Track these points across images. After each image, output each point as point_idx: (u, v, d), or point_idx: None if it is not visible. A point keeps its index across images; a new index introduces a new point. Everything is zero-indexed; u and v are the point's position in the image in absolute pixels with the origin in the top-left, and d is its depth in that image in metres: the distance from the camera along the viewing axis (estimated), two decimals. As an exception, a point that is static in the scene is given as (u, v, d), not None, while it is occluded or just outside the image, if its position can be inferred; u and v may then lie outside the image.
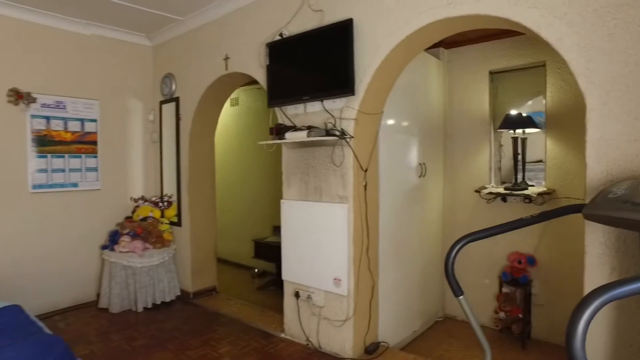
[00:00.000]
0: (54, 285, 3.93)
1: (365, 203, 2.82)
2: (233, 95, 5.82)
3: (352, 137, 2.74)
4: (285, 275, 3.21)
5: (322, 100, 2.88)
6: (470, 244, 1.63)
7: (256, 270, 5.28)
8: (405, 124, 3.27)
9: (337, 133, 2.73)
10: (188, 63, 4.15)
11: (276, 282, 4.41)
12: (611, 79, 1.82)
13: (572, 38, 1.92)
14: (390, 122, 3.07)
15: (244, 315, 3.75)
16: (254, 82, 3.62)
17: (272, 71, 3.16)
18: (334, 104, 2.84)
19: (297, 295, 3.12)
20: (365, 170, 2.83)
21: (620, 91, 1.79)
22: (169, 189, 4.42)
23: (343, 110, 2.79)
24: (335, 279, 2.84)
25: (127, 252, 3.89)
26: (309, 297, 3.04)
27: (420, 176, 3.39)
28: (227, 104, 5.89)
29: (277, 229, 5.04)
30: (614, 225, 1.54)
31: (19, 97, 3.68)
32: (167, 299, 4.05)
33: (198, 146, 4.24)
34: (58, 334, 2.38)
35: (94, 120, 4.16)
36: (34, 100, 3.77)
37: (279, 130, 2.99)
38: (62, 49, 3.97)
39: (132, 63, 4.44)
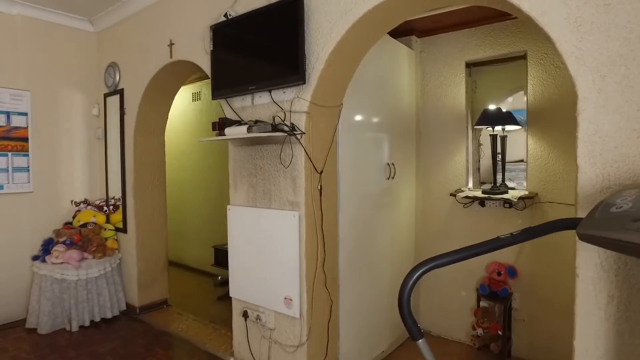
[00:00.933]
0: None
1: (320, 210, 2.42)
2: (195, 90, 5.36)
3: (304, 133, 2.34)
4: (233, 291, 2.79)
5: (269, 91, 2.47)
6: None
7: (219, 277, 4.84)
8: (372, 119, 2.88)
9: (286, 128, 2.32)
10: (132, 51, 3.69)
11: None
12: (608, 60, 1.45)
13: (560, 11, 1.55)
14: (354, 117, 2.68)
15: (193, 334, 3.32)
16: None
17: (216, 58, 2.73)
18: (284, 95, 2.43)
19: (245, 315, 2.71)
20: (321, 172, 2.43)
21: (620, 75, 1.42)
22: (115, 191, 3.95)
23: (294, 102, 2.38)
24: (286, 299, 2.44)
25: (61, 263, 3.42)
26: (258, 317, 2.63)
27: (388, 178, 3.01)
28: (189, 99, 5.44)
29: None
30: (620, 251, 1.18)
31: None
32: (109, 315, 3.60)
33: (145, 144, 3.79)
34: None
35: (24, 114, 3.66)
36: (-53, 90, 3.28)
37: (222, 125, 2.57)
38: (-17, 31, 3.47)
39: (72, 50, 3.95)
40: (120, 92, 3.79)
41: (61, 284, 3.42)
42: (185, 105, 5.51)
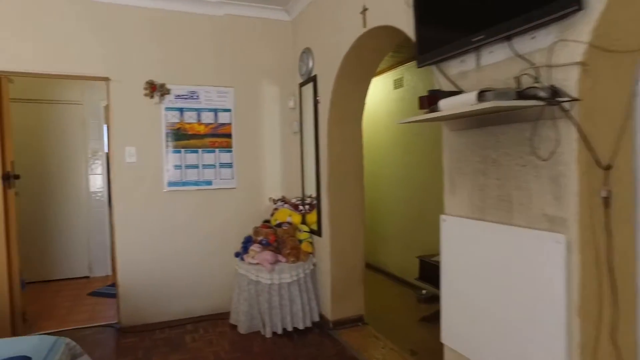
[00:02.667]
0: (189, 290, 3.60)
1: (607, 234, 1.39)
2: (396, 76, 4.72)
3: (576, 100, 1.35)
4: (447, 337, 1.99)
5: (508, 38, 1.55)
6: None
7: (423, 292, 4.10)
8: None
9: (543, 94, 1.38)
10: (324, 30, 3.26)
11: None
12: None
13: None
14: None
15: (391, 370, 2.67)
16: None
17: (421, 6, 1.96)
18: (534, 42, 1.48)
19: (464, 375, 1.88)
20: (607, 168, 1.40)
21: None
22: (311, 189, 3.63)
23: (554, 50, 1.41)
24: (537, 373, 1.50)
25: (256, 264, 3.26)
26: (485, 385, 1.76)
27: None
28: (389, 87, 4.84)
29: (446, 244, 3.77)
30: None
31: (152, 89, 3.40)
32: (301, 326, 3.28)
33: (340, 134, 3.32)
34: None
35: (228, 110, 3.67)
36: (167, 91, 3.46)
37: (433, 99, 1.79)
38: (194, 34, 3.57)
39: (269, 42, 3.80)
40: (314, 79, 3.42)
41: (256, 286, 3.25)
42: (385, 94, 4.93)
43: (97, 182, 4.91)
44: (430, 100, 1.86)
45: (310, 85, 3.49)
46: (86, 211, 4.87)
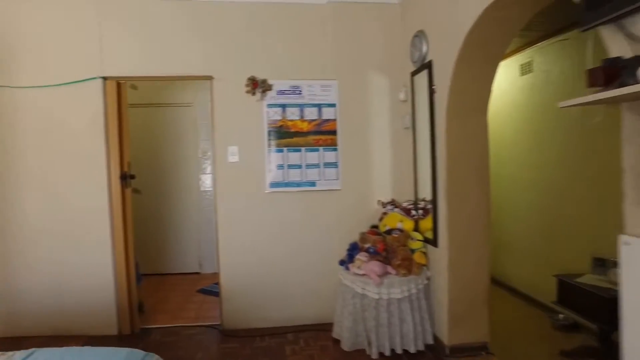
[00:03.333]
0: (290, 297, 3.41)
1: None
2: (523, 60, 4.02)
3: None
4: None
5: None
6: None
7: (560, 316, 3.39)
8: None
9: None
10: (439, 8, 2.79)
11: (597, 354, 2.53)
12: None
13: None
14: None
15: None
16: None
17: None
18: None
19: None
20: None
21: None
22: (425, 192, 3.18)
23: None
24: None
25: (363, 275, 2.92)
26: None
27: None
28: (515, 73, 4.15)
29: (599, 263, 3.04)
30: None
31: (254, 85, 3.27)
32: (413, 349, 2.85)
33: (460, 128, 2.82)
34: None
35: (333, 105, 3.39)
36: (269, 87, 3.30)
37: (613, 73, 1.26)
38: (296, 25, 3.36)
39: (375, 29, 3.44)
40: (428, 66, 2.96)
41: (362, 300, 2.91)
42: (510, 82, 4.24)
43: (207, 181, 5.04)
44: (608, 75, 1.33)
45: (424, 74, 3.04)
46: (197, 209, 5.03)
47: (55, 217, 3.25)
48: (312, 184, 3.37)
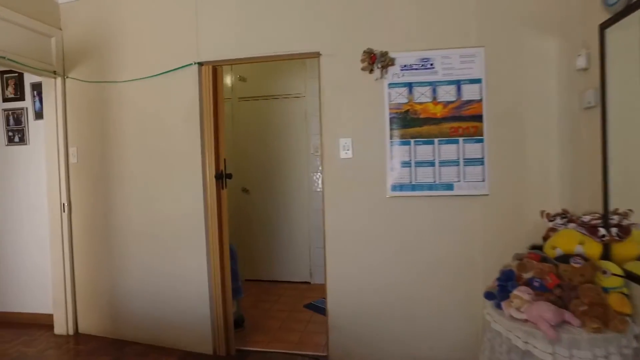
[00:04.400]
0: (413, 332, 2.63)
1: None
2: None
3: None
4: None
5: None
6: None
7: None
8: None
9: None
10: None
11: None
12: None
13: None
14: None
15: None
16: None
17: None
18: None
19: None
20: None
21: None
22: (622, 199, 2.12)
23: None
24: None
25: (525, 321, 2.01)
26: None
27: None
28: None
29: None
30: None
31: (372, 59, 2.56)
32: None
33: None
34: None
35: (477, 81, 2.50)
36: (391, 62, 2.56)
37: None
38: (430, -26, 2.56)
39: (546, -32, 2.45)
40: (644, 6, 1.90)
41: (523, 358, 2.00)
42: None
43: (318, 180, 4.50)
44: None
45: (634, 21, 1.98)
46: (308, 212, 4.53)
47: (152, 222, 3.01)
48: (448, 186, 2.54)
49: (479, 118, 2.49)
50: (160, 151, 2.96)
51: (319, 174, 4.50)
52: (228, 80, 4.63)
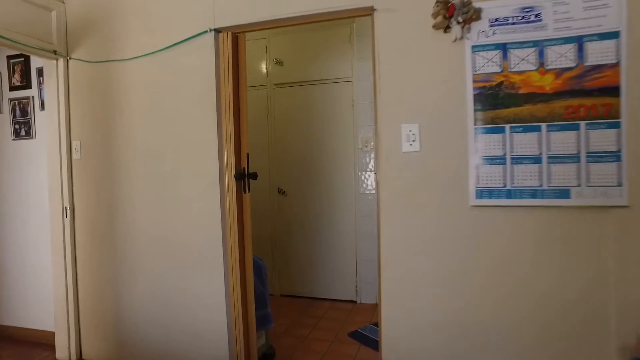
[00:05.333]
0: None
1: None
2: None
3: None
4: None
5: None
6: None
7: None
8: None
9: None
10: None
11: None
12: None
13: None
14: None
15: None
16: None
17: None
18: None
19: None
20: None
21: None
22: None
23: None
24: None
25: None
26: None
27: None
28: None
29: None
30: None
31: (449, 11, 1.80)
32: None
33: None
34: None
35: (612, 36, 1.68)
36: (476, 14, 1.80)
37: None
38: None
39: None
40: None
41: None
42: None
43: (367, 180, 3.78)
44: None
45: None
46: (354, 218, 3.82)
47: (161, 231, 2.41)
48: (563, 193, 1.74)
49: (613, 91, 1.68)
50: (169, 145, 2.37)
51: (368, 172, 3.78)
52: (263, 66, 4.01)
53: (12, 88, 3.25)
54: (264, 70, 4.02)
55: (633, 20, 1.64)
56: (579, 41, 1.71)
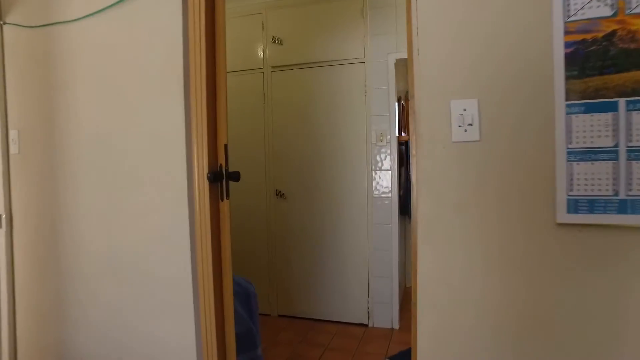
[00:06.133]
0: None
1: None
2: None
3: None
4: None
5: None
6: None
7: None
8: None
9: None
10: None
11: None
12: None
13: None
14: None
15: None
16: None
17: None
18: None
19: None
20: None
21: None
22: None
23: None
24: None
25: None
26: None
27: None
28: None
29: None
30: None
31: None
32: None
33: None
34: None
35: None
36: None
37: None
38: None
39: None
40: None
41: None
42: None
43: (382, 181, 3.16)
44: None
45: None
46: (366, 227, 3.20)
47: (114, 250, 1.79)
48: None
49: None
50: (124, 135, 1.75)
51: (383, 171, 3.16)
52: (258, 46, 3.39)
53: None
54: (260, 50, 3.40)
55: None
56: None
